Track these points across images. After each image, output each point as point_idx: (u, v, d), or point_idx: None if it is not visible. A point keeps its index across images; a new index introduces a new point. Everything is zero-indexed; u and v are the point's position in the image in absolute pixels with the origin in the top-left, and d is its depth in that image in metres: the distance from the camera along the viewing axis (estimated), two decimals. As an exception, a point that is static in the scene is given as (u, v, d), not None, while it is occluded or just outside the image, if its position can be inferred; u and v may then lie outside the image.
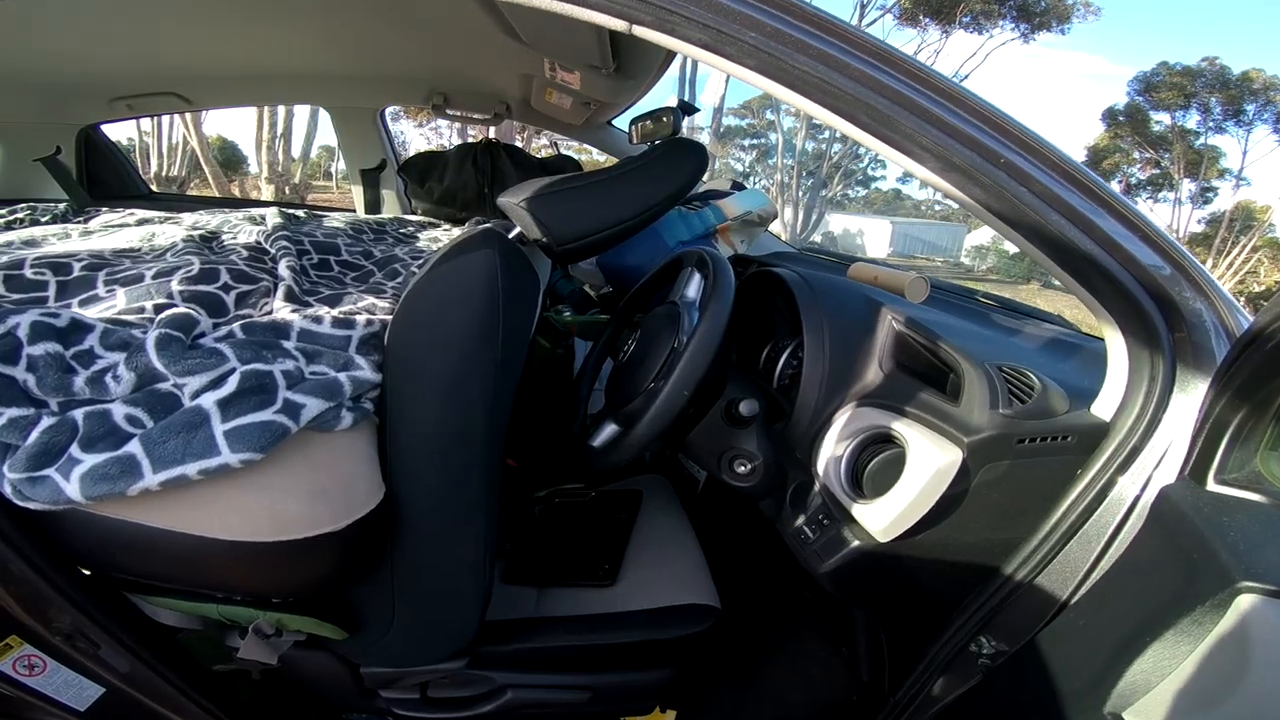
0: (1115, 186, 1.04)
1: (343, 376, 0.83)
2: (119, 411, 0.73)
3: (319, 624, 0.97)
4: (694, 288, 1.17)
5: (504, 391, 0.92)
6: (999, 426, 0.82)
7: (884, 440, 0.95)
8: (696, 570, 1.30)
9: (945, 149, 0.74)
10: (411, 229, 1.74)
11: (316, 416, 0.78)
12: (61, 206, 2.19)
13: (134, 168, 2.64)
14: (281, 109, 9.59)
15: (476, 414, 0.89)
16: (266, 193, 9.24)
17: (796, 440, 1.05)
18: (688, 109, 1.56)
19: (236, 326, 0.84)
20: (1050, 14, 17.67)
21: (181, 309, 0.82)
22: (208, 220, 1.52)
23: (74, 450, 0.71)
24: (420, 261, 1.25)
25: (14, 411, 0.70)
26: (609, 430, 1.14)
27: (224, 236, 1.31)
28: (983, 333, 1.25)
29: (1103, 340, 0.85)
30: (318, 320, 0.89)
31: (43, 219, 2.06)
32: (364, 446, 0.85)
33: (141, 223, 1.54)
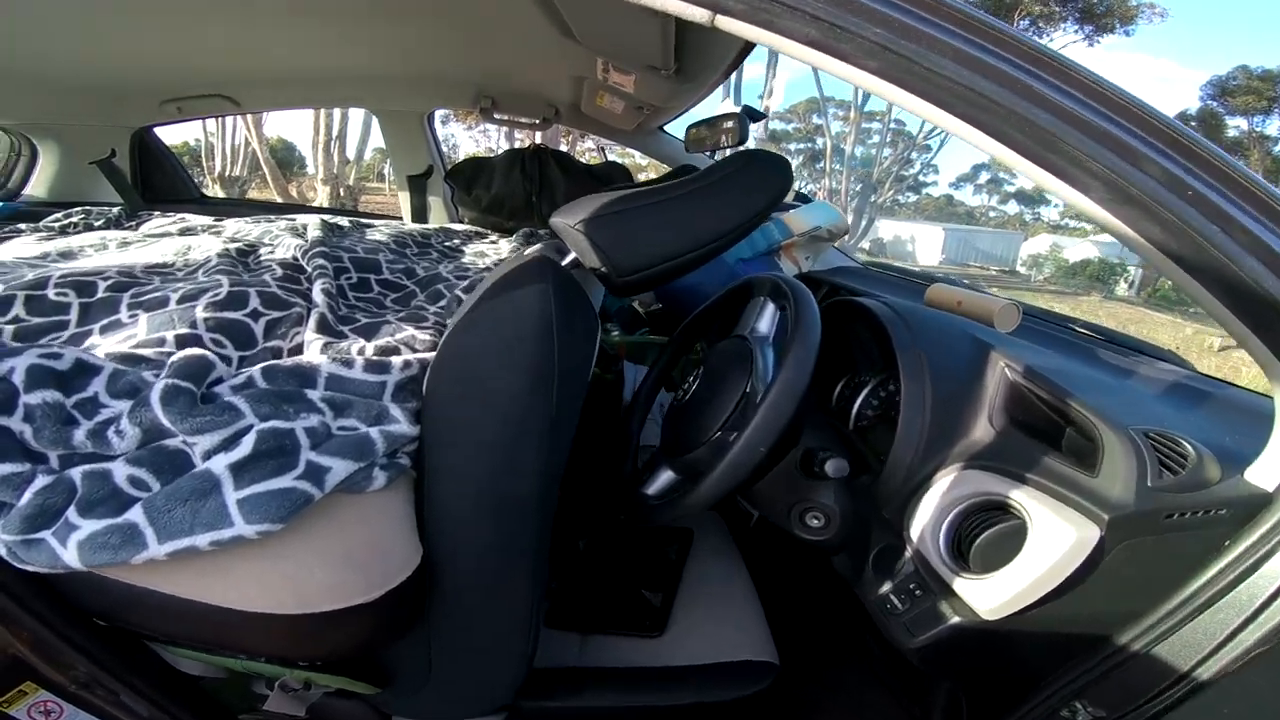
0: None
1: (375, 432, 0.72)
2: (121, 472, 0.64)
3: (350, 681, 0.89)
4: (767, 321, 1.03)
5: (560, 446, 0.80)
6: (1147, 502, 0.72)
7: (995, 508, 0.82)
8: (753, 620, 1.18)
9: (1120, 176, 0.58)
10: (457, 241, 1.64)
11: (344, 480, 0.68)
12: (115, 210, 2.21)
13: (186, 171, 2.65)
14: (338, 111, 9.79)
15: (528, 471, 0.78)
16: (322, 194, 9.43)
17: (885, 498, 0.94)
18: (754, 115, 1.42)
19: (257, 372, 0.74)
20: (1114, 15, 16.74)
21: (196, 353, 0.73)
22: (249, 230, 1.46)
23: (71, 514, 0.62)
24: (466, 283, 1.15)
25: (7, 468, 0.62)
26: (666, 477, 1.02)
27: (261, 250, 1.24)
28: (1098, 378, 1.08)
29: (1225, 385, 0.77)
30: (348, 364, 0.79)
31: (96, 223, 2.07)
32: (399, 506, 0.75)
33: (184, 232, 1.49)
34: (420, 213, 2.31)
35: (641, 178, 2.54)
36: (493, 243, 1.80)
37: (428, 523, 0.78)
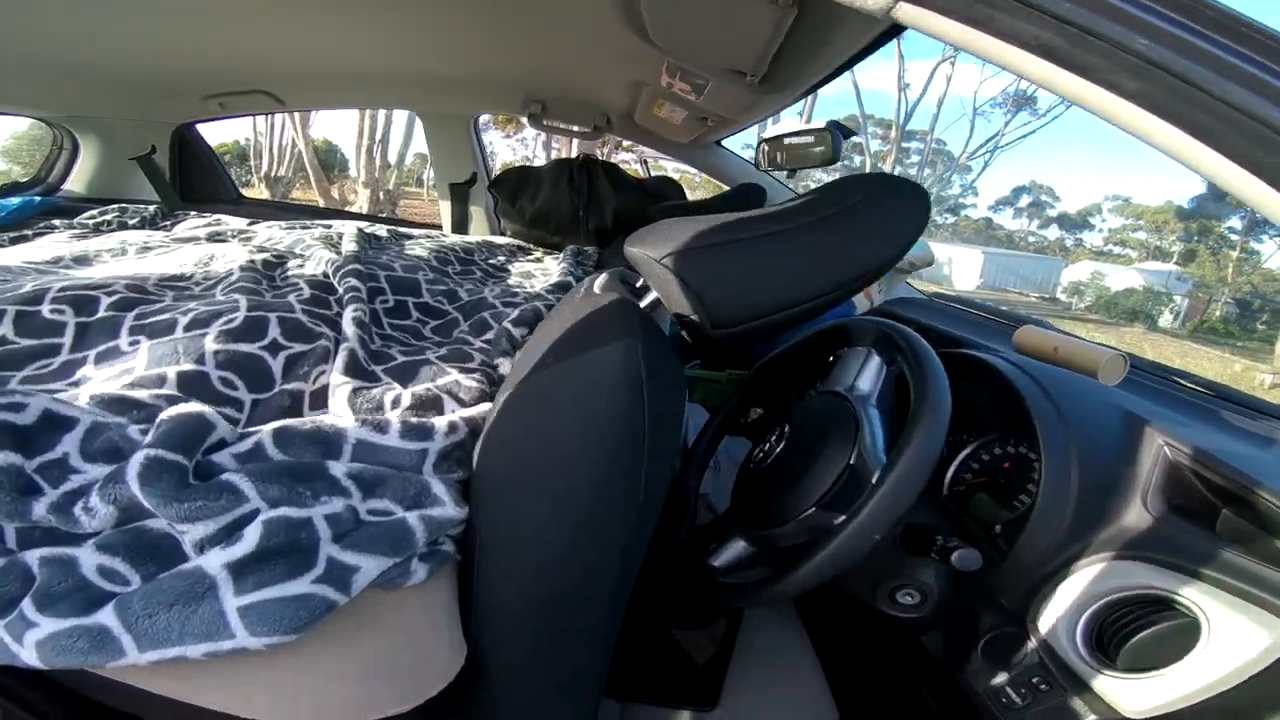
0: None
1: (414, 518, 0.57)
2: (90, 560, 0.50)
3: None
4: (871, 378, 0.88)
5: (642, 537, 0.66)
6: None
7: (1153, 603, 0.74)
8: (817, 694, 1.05)
9: None
10: (501, 259, 1.51)
11: (375, 579, 0.53)
12: (152, 209, 2.14)
13: (226, 171, 2.58)
14: (382, 114, 9.85)
15: (603, 567, 0.63)
16: (362, 197, 9.47)
17: (1007, 584, 0.84)
18: (845, 131, 1.25)
19: (268, 434, 0.60)
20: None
21: (190, 411, 0.58)
22: (280, 238, 1.34)
23: (27, 608, 0.49)
24: (516, 313, 1.00)
25: (-53, 544, 0.48)
26: (738, 550, 0.87)
27: (290, 264, 1.11)
28: (1258, 455, 0.92)
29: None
30: (381, 428, 0.64)
31: (130, 221, 1.99)
32: (440, 601, 0.61)
33: (213, 237, 1.38)
34: (461, 223, 2.19)
35: (693, 196, 2.39)
36: (537, 260, 1.66)
37: (474, 618, 0.64)
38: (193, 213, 2.17)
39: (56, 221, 1.96)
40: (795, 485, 0.81)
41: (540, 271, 1.46)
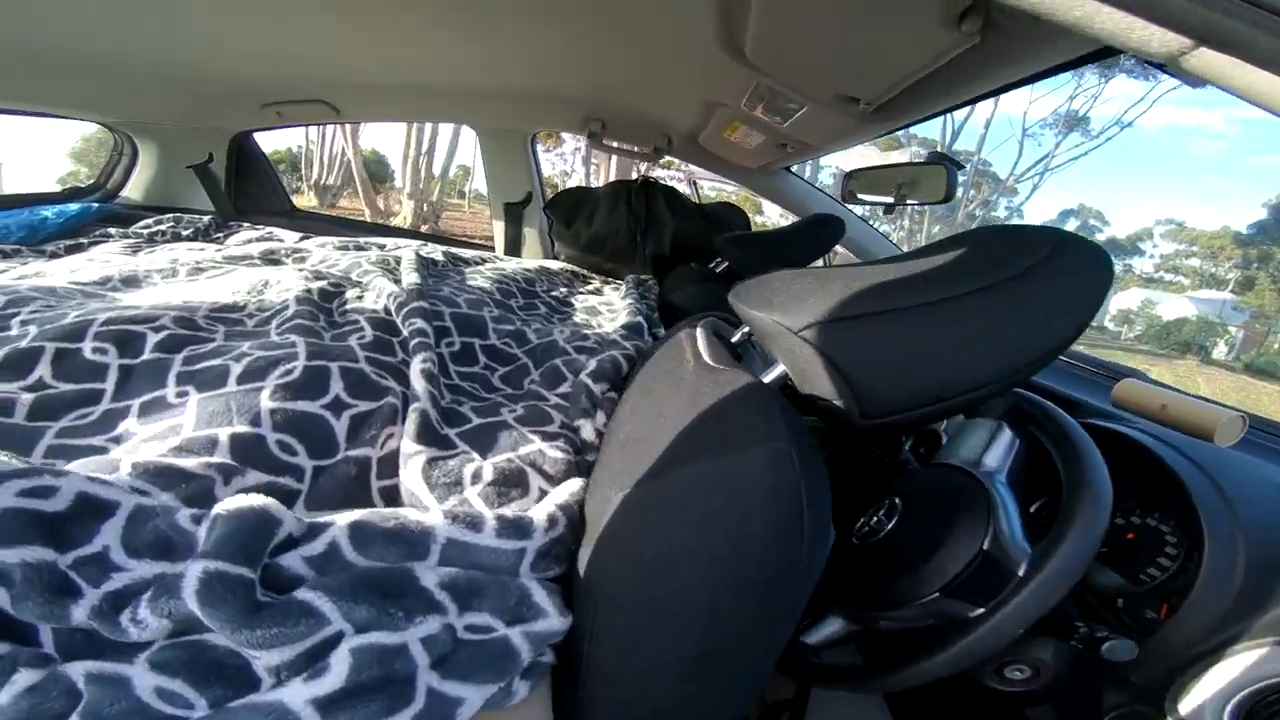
0: None
1: (516, 635, 0.50)
2: (144, 680, 0.42)
3: None
4: (1001, 453, 0.78)
5: (780, 639, 0.56)
6: None
7: None
8: None
9: None
10: (562, 289, 1.41)
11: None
12: (206, 219, 2.11)
13: (280, 181, 2.56)
14: (429, 126, 9.94)
15: (736, 695, 0.56)
16: (406, 208, 9.57)
17: (1144, 661, 0.78)
18: (955, 164, 1.12)
19: (342, 531, 0.50)
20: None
21: (250, 505, 0.49)
22: (336, 260, 1.26)
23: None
24: (593, 365, 0.90)
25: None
26: (835, 628, 0.80)
27: (348, 295, 1.03)
28: None
29: None
30: (474, 525, 0.54)
31: (184, 232, 1.96)
32: (538, 715, 0.54)
33: (266, 256, 1.31)
34: (515, 245, 2.11)
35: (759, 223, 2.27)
36: (596, 292, 1.56)
37: None
38: (245, 225, 2.14)
39: (112, 230, 1.94)
40: (913, 567, 0.72)
41: (604, 306, 1.36)
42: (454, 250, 1.57)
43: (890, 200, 1.32)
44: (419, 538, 0.52)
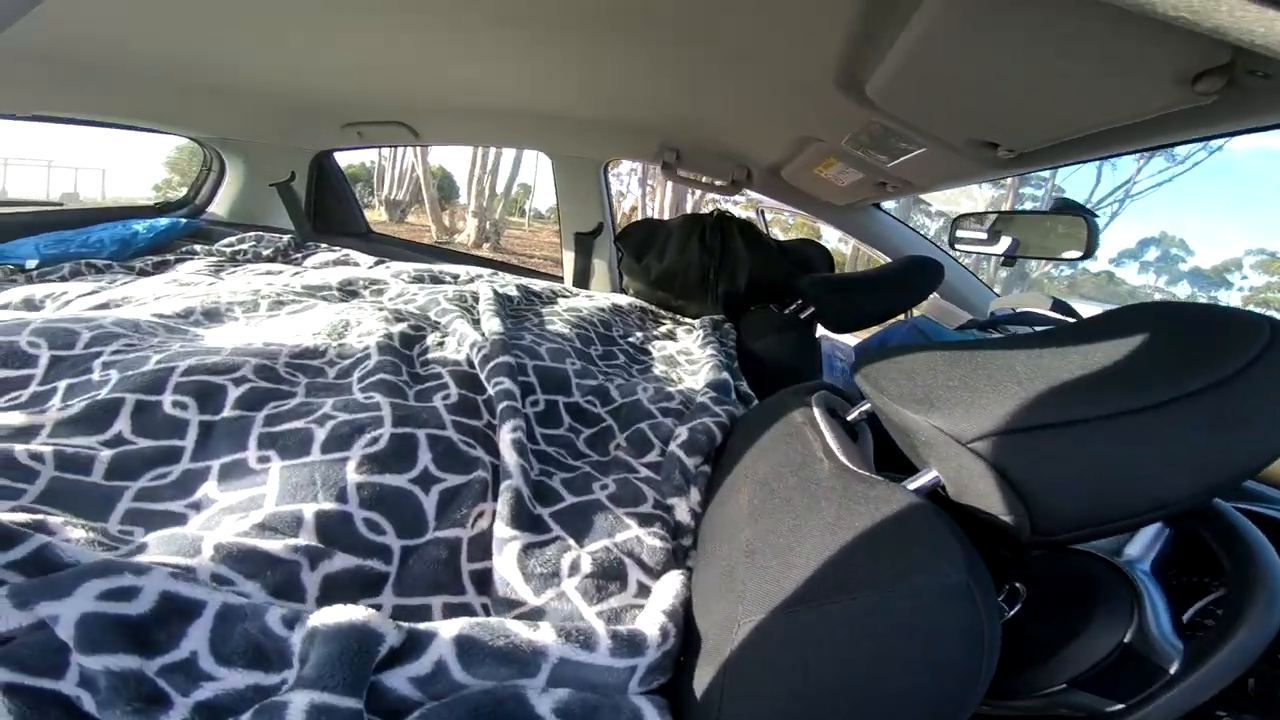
0: None
1: None
2: None
3: None
4: (1146, 542, 0.71)
5: None
6: None
7: None
8: None
9: None
10: (638, 335, 1.34)
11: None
12: (286, 239, 2.15)
13: (358, 202, 2.61)
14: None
15: None
16: (470, 226, 9.80)
17: None
18: (1090, 213, 0.99)
19: (449, 648, 0.46)
20: None
21: (350, 620, 0.45)
22: (414, 296, 1.22)
23: None
24: (684, 436, 0.84)
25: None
26: None
27: (428, 339, 0.98)
28: None
29: None
30: (588, 644, 0.49)
31: (265, 251, 2.00)
32: None
33: (344, 288, 1.28)
34: (583, 276, 2.06)
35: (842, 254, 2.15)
36: (670, 336, 1.48)
37: None
38: (323, 246, 2.18)
39: (197, 247, 1.99)
40: (1038, 657, 0.65)
41: (683, 356, 1.27)
42: (527, 283, 1.52)
43: (1002, 251, 1.19)
44: (530, 657, 0.47)
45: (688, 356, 1.27)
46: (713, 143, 1.92)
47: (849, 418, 0.77)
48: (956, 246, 1.39)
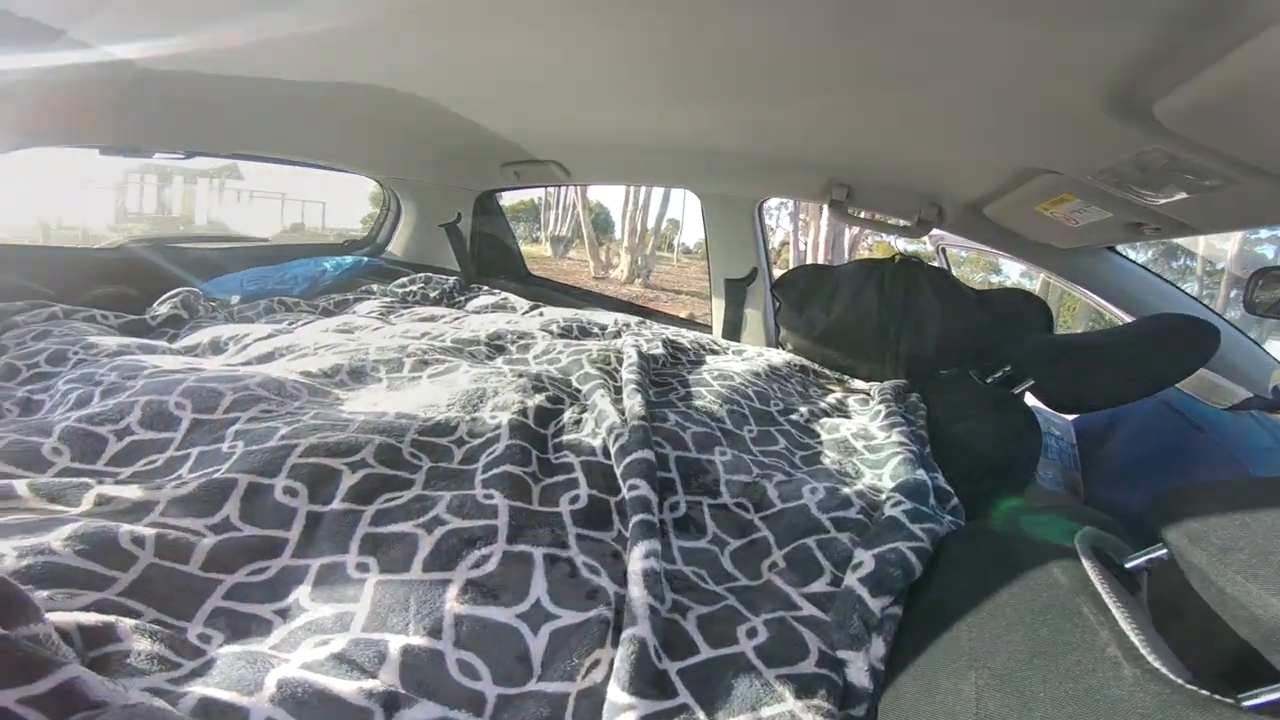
0: None
1: None
2: None
3: None
4: None
5: None
6: None
7: None
8: None
9: None
10: (801, 409, 1.14)
11: None
12: (451, 281, 2.27)
13: (517, 245, 2.70)
14: (646, 179, 10.25)
15: None
16: (623, 263, 10.18)
17: None
18: None
19: None
20: None
21: None
22: (558, 355, 1.15)
23: None
24: (868, 563, 0.66)
25: None
26: None
27: (565, 417, 0.88)
28: None
29: None
30: None
31: (432, 293, 2.12)
32: None
33: (493, 342, 1.24)
34: (734, 328, 1.87)
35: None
36: (841, 409, 1.24)
37: None
38: (484, 289, 2.26)
39: (375, 287, 2.16)
40: None
41: (860, 439, 1.04)
42: (674, 337, 1.38)
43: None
44: None
45: (867, 441, 1.03)
46: (896, 178, 1.66)
47: (1129, 564, 0.56)
48: (1257, 310, 1.01)
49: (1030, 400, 1.34)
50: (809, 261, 7.94)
